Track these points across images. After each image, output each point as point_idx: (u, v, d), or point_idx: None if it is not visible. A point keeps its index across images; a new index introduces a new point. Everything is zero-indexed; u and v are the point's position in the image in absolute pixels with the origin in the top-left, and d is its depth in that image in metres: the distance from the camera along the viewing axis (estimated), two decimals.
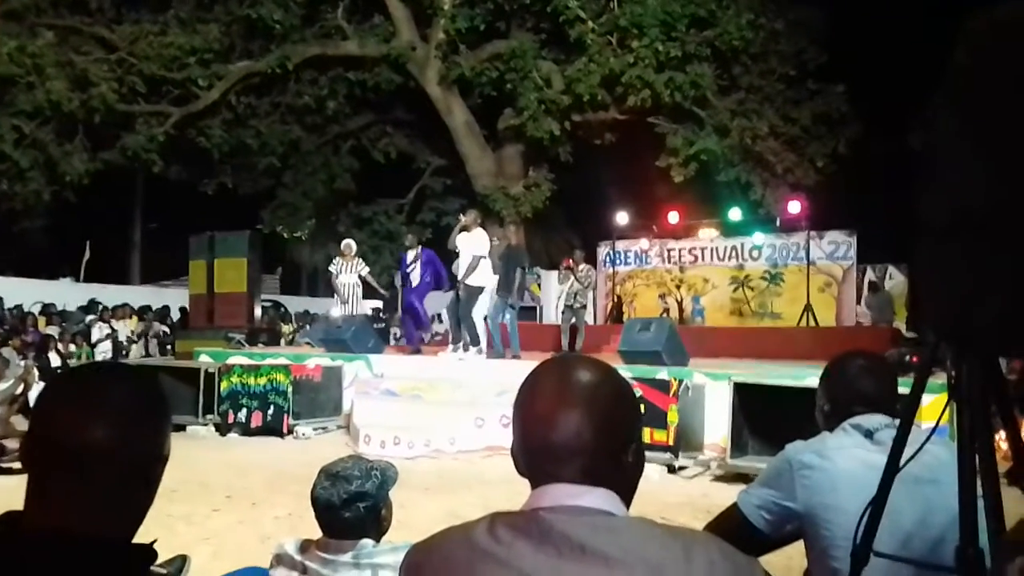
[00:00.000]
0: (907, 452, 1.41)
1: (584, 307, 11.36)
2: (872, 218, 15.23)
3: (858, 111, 14.89)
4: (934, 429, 1.46)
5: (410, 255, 10.60)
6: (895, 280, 15.31)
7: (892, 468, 1.39)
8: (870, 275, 15.20)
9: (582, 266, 11.38)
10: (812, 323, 13.24)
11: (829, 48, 14.91)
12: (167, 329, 15.71)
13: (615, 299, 16.52)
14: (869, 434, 1.70)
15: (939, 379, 2.41)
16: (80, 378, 1.10)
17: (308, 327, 17.07)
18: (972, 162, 0.89)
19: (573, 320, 11.12)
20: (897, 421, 1.54)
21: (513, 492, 1.07)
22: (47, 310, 15.10)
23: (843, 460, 1.66)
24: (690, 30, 14.23)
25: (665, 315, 14.72)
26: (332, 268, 11.32)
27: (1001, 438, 1.43)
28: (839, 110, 14.79)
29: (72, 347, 12.66)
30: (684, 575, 0.94)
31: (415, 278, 10.44)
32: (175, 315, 16.84)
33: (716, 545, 1.00)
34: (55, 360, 11.29)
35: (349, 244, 11.44)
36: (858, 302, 15.36)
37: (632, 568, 0.94)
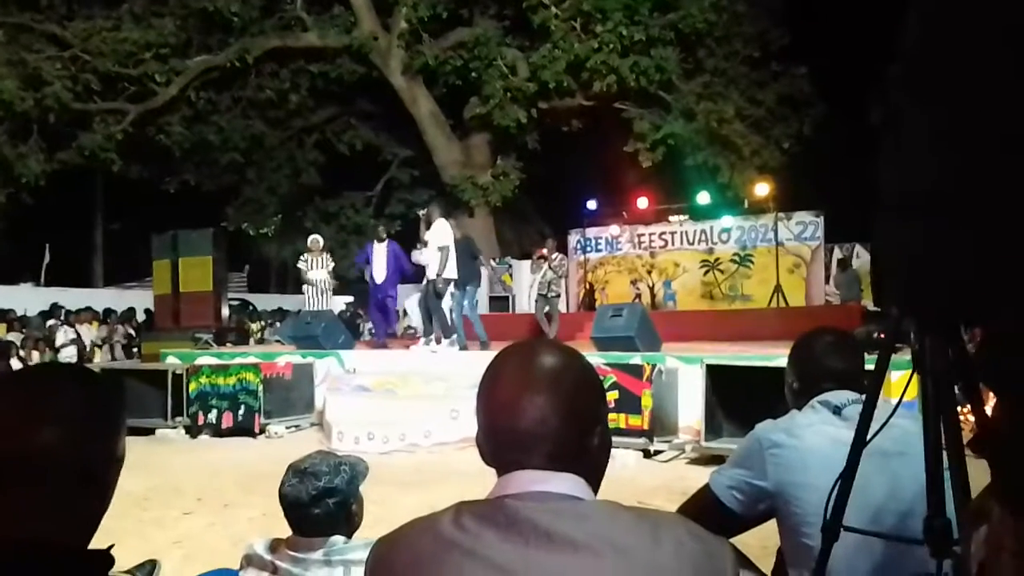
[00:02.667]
0: (875, 427, 1.41)
1: (558, 296, 11.42)
2: (839, 198, 15.40)
3: (822, 92, 15.05)
4: (899, 403, 1.46)
5: (377, 247, 10.51)
6: (863, 259, 15.54)
7: (859, 443, 1.40)
8: (838, 254, 15.41)
9: (555, 255, 11.42)
10: (782, 304, 13.40)
11: (791, 29, 15.04)
12: (132, 332, 15.45)
13: (587, 286, 16.57)
14: (837, 410, 1.71)
15: (907, 355, 2.43)
16: (23, 382, 1.07)
17: (278, 325, 16.90)
18: (929, 136, 0.88)
19: (547, 309, 11.16)
20: (864, 397, 1.54)
21: (490, 483, 1.06)
22: (7, 316, 14.76)
23: (812, 437, 1.66)
24: (653, 13, 14.26)
25: (637, 300, 14.79)
26: (301, 265, 11.22)
27: (966, 410, 1.44)
28: (803, 91, 14.95)
29: (35, 353, 12.41)
30: (652, 557, 0.93)
31: (381, 272, 10.36)
32: (140, 317, 16.56)
33: (684, 526, 0.99)
34: (17, 367, 11.06)
35: (316, 239, 11.34)
36: (827, 281, 15.56)
37: (599, 552, 0.92)
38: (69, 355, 13.01)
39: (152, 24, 15.28)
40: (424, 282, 9.62)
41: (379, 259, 10.43)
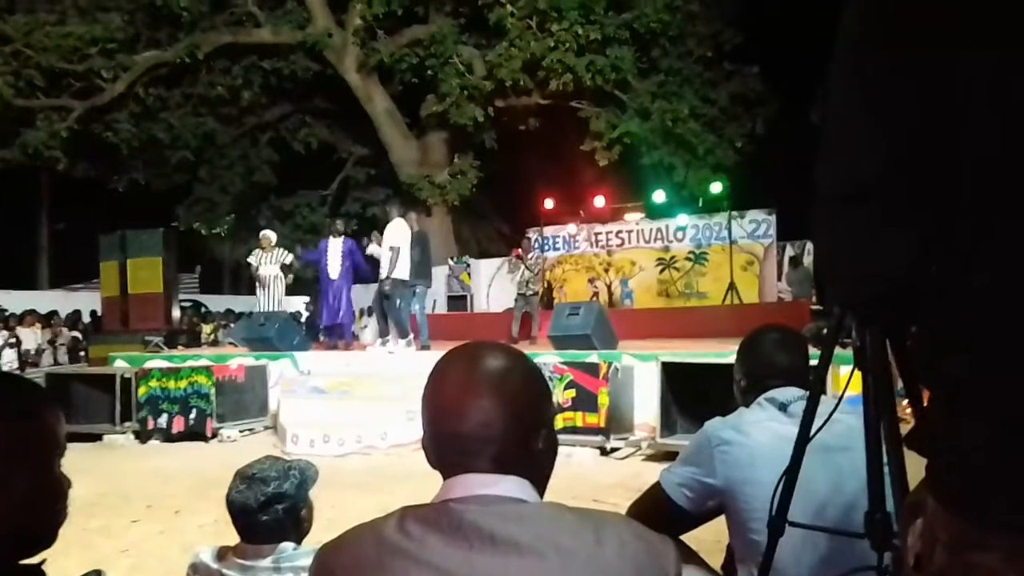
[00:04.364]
0: (819, 423, 1.43)
1: (536, 294, 11.49)
2: (790, 196, 15.69)
3: (773, 91, 15.31)
4: (841, 398, 1.49)
5: (333, 243, 10.38)
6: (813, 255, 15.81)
7: (803, 438, 1.42)
8: (789, 252, 15.68)
9: (531, 254, 11.51)
10: (736, 301, 13.59)
11: (744, 29, 15.27)
12: (78, 335, 15.04)
13: (545, 285, 16.61)
14: (783, 407, 1.73)
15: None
16: None
17: (231, 326, 16.61)
18: (867, 129, 0.90)
19: (527, 308, 11.19)
20: (808, 393, 1.56)
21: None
22: None
23: (759, 434, 1.68)
24: (608, 13, 14.37)
25: (594, 299, 14.87)
26: (252, 260, 10.95)
27: (905, 405, 1.47)
28: (755, 90, 15.19)
29: None
30: (595, 558, 0.93)
31: (336, 268, 10.25)
32: (87, 319, 16.12)
33: (627, 526, 1.00)
34: None
35: (267, 235, 11.11)
36: (779, 279, 15.83)
37: (543, 554, 0.93)
38: (8, 360, 12.60)
39: (98, 18, 14.91)
40: (379, 282, 9.56)
41: (334, 255, 10.32)
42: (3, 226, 20.77)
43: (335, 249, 10.32)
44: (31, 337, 13.96)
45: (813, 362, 1.70)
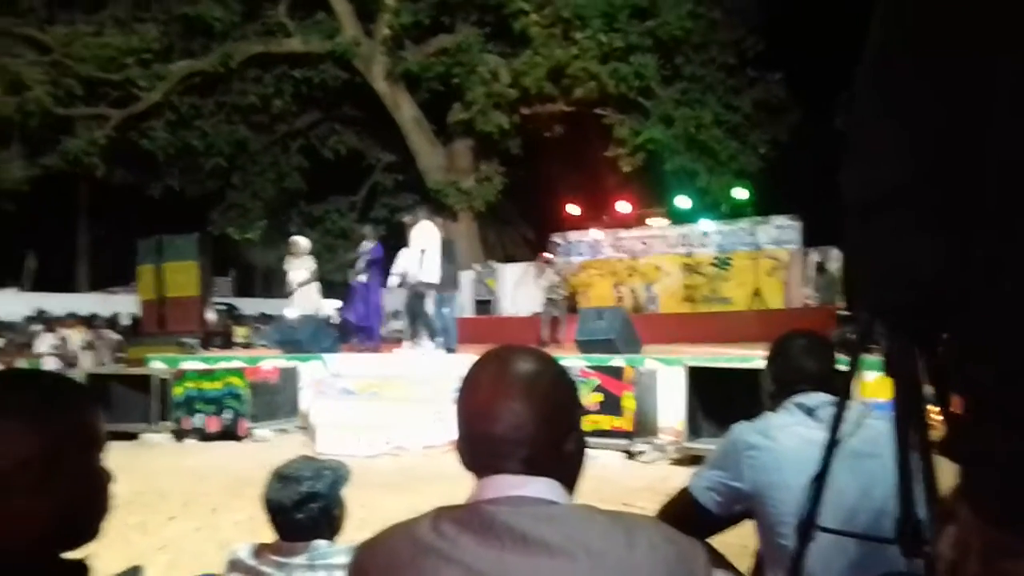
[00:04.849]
0: (848, 428, 1.44)
1: (564, 298, 11.49)
2: (815, 201, 15.53)
3: (797, 97, 15.20)
4: (870, 404, 1.49)
5: (364, 249, 10.53)
6: (839, 262, 15.64)
7: (832, 444, 1.42)
8: (815, 257, 15.51)
9: (558, 258, 11.54)
10: (761, 306, 13.48)
11: (767, 36, 15.19)
12: (117, 336, 15.33)
13: (570, 290, 16.60)
14: (810, 412, 1.73)
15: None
16: None
17: (263, 329, 16.81)
18: (894, 136, 0.90)
19: (555, 312, 11.21)
20: (837, 398, 1.57)
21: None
22: None
23: (786, 438, 1.69)
24: (632, 21, 14.37)
25: (619, 304, 14.83)
26: (285, 267, 11.20)
27: (935, 411, 1.47)
28: (778, 97, 15.09)
29: (19, 359, 12.29)
30: (626, 560, 0.95)
31: (365, 275, 10.38)
32: (126, 322, 16.43)
33: (658, 529, 1.01)
34: None
35: (295, 241, 11.26)
36: (805, 284, 15.66)
37: (574, 556, 0.94)
38: (51, 361, 12.88)
39: (134, 29, 15.22)
40: (408, 285, 9.63)
41: (360, 261, 10.45)
42: (44, 231, 21.22)
43: (364, 254, 10.46)
44: (72, 339, 14.25)
45: (841, 368, 1.71)
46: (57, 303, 17.14)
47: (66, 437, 0.99)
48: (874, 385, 1.44)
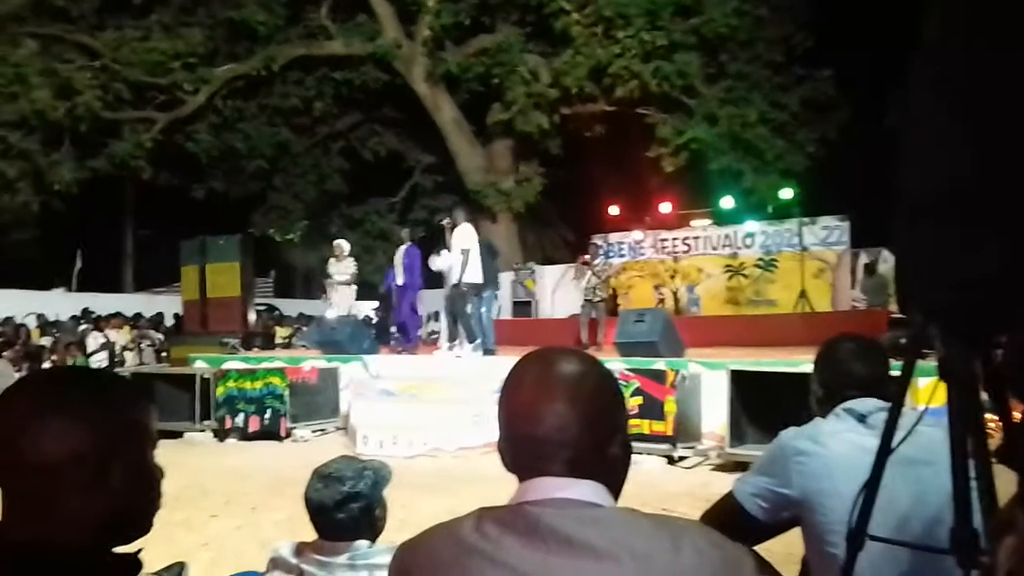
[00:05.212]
0: (901, 435, 1.40)
1: (603, 300, 11.43)
2: (865, 201, 15.22)
3: (846, 95, 14.92)
4: (924, 410, 1.45)
5: (397, 252, 10.62)
6: (889, 263, 15.30)
7: (884, 450, 1.38)
8: (864, 259, 15.20)
9: (598, 260, 11.48)
10: (808, 309, 13.25)
11: (815, 32, 14.94)
12: (161, 336, 15.65)
13: (610, 291, 16.51)
14: (862, 418, 1.69)
15: (934, 361, 2.41)
16: (28, 387, 1.05)
17: (304, 330, 17.03)
18: (953, 138, 0.87)
19: (593, 314, 11.16)
20: (889, 404, 1.52)
21: (513, 489, 1.06)
22: (40, 321, 15.04)
23: (837, 445, 1.65)
24: (675, 18, 14.24)
25: (660, 306, 14.71)
26: (328, 269, 11.36)
27: (993, 418, 1.42)
28: (827, 95, 14.83)
29: (68, 358, 12.61)
30: (672, 565, 0.93)
31: (399, 275, 10.46)
32: (169, 322, 16.77)
33: (704, 534, 0.99)
34: None
35: (339, 244, 11.43)
36: (853, 287, 15.36)
37: (620, 559, 0.93)
38: (100, 359, 13.20)
39: (180, 34, 15.54)
40: (448, 286, 9.67)
41: (398, 262, 10.54)
42: (92, 232, 21.77)
43: (399, 257, 10.55)
44: (117, 338, 14.60)
45: (893, 372, 1.66)
46: (103, 303, 17.55)
47: (120, 433, 1.01)
48: (928, 390, 1.38)
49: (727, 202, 14.87)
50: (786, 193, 13.97)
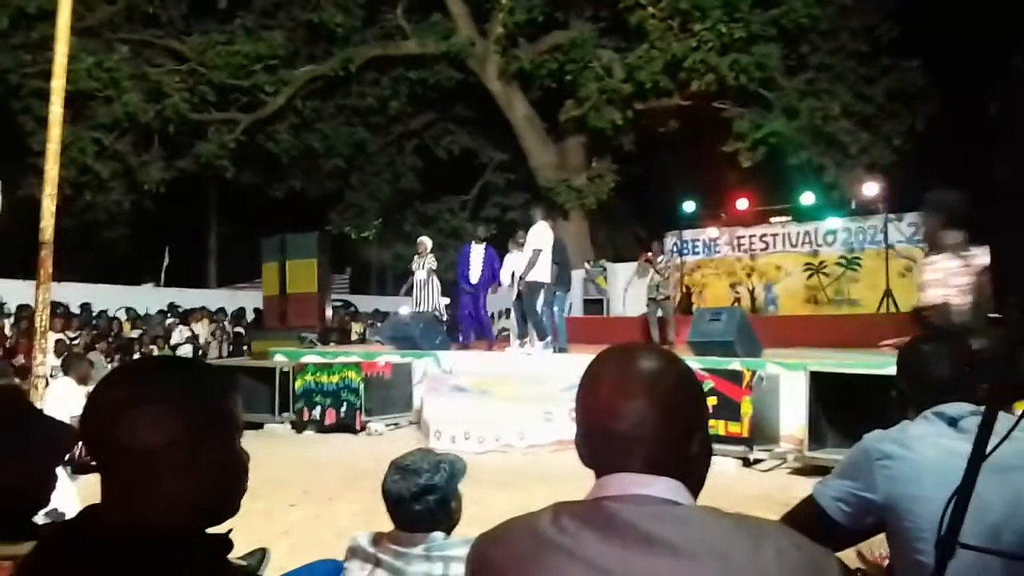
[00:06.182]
0: (995, 440, 1.34)
1: (668, 298, 11.27)
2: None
3: (936, 85, 14.29)
4: (1022, 415, 1.38)
5: (475, 249, 10.68)
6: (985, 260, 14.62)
7: (978, 455, 1.33)
8: None
9: (661, 257, 11.32)
10: (892, 309, 12.75)
11: (902, 21, 14.35)
12: (241, 330, 16.21)
13: (683, 289, 16.26)
14: (953, 422, 1.63)
15: None
16: (126, 376, 1.10)
17: (378, 325, 17.37)
18: None
19: (660, 313, 11.02)
20: (982, 408, 1.46)
21: (583, 487, 1.06)
22: (130, 315, 15.77)
23: (926, 449, 1.60)
24: (754, 10, 13.90)
25: (736, 304, 14.40)
26: (412, 266, 11.52)
27: None
28: (915, 85, 14.25)
29: (155, 349, 13.19)
30: (752, 565, 0.92)
31: (476, 274, 10.52)
32: (250, 316, 17.35)
33: (785, 535, 0.97)
34: None
35: (422, 241, 11.58)
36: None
37: (699, 558, 0.92)
38: (186, 352, 13.76)
39: (262, 37, 16.00)
40: (521, 284, 9.69)
41: (476, 261, 10.60)
42: (178, 230, 22.65)
43: (477, 255, 10.61)
44: (200, 331, 15.21)
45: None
46: (189, 298, 18.28)
47: (211, 420, 1.05)
48: None
49: (807, 198, 14.43)
50: (870, 188, 13.47)
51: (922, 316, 3.72)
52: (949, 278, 3.55)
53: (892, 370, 1.88)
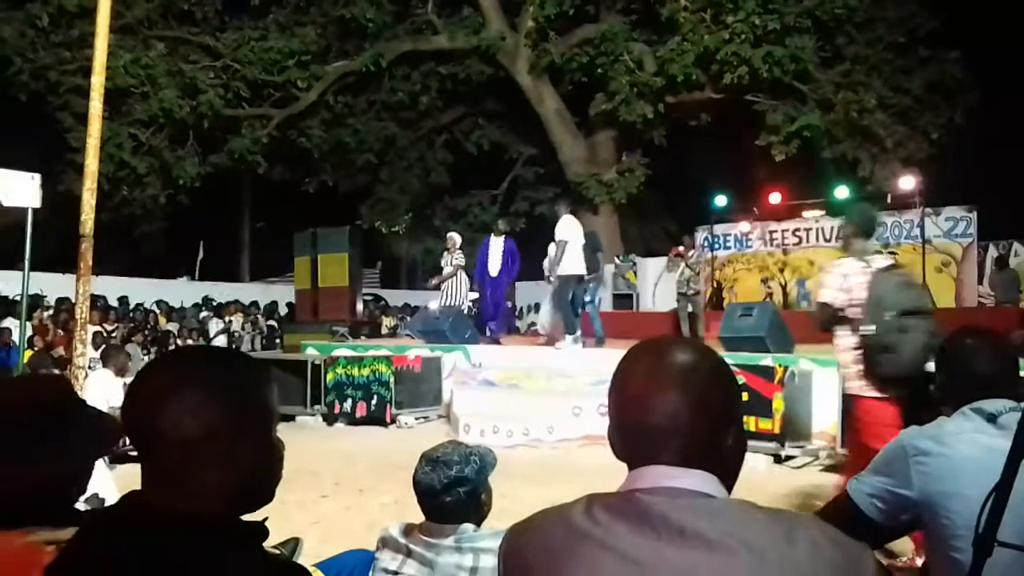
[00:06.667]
0: None
1: (698, 293, 11.19)
2: (995, 191, 14.25)
3: (975, 77, 13.98)
4: None
5: (494, 242, 10.69)
6: (1021, 257, 14.30)
7: (1018, 452, 1.30)
8: (993, 252, 14.25)
9: (691, 252, 11.25)
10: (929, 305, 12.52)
11: (940, 12, 14.05)
12: (274, 323, 16.41)
13: (714, 284, 16.13)
14: (992, 418, 1.60)
15: None
16: (165, 366, 1.12)
17: (408, 319, 17.48)
18: None
19: (690, 308, 10.95)
20: (1022, 404, 1.44)
21: (612, 481, 1.06)
22: (165, 308, 16.03)
23: (963, 445, 1.57)
24: (788, 1, 13.69)
25: (768, 299, 14.24)
26: (441, 262, 11.59)
27: None
28: (954, 77, 13.96)
29: (190, 342, 13.38)
30: (786, 558, 0.91)
31: (496, 266, 10.54)
32: (283, 310, 17.55)
33: (820, 529, 0.96)
34: None
35: (451, 236, 11.64)
36: (980, 282, 14.44)
37: (733, 551, 0.91)
38: (221, 343, 13.96)
39: (295, 33, 16.14)
40: (551, 278, 9.68)
41: (495, 254, 10.61)
42: (212, 224, 22.96)
43: (496, 248, 10.63)
44: (234, 324, 15.42)
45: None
46: (222, 291, 18.53)
47: (248, 409, 1.07)
48: None
49: (842, 192, 14.21)
50: (907, 182, 13.23)
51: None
52: (849, 278, 3.95)
53: (928, 367, 1.85)
